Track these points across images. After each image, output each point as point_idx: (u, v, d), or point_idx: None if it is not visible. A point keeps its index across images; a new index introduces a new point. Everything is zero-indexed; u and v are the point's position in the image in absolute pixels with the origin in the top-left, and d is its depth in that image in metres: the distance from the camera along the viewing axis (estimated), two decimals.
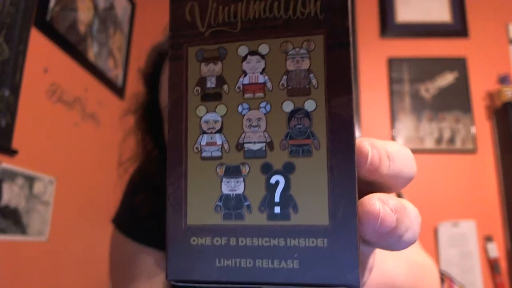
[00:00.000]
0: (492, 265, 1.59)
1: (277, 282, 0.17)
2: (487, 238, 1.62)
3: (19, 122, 1.11)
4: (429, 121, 1.76)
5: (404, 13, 1.88)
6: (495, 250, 1.60)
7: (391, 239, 0.18)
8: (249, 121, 0.18)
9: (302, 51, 0.18)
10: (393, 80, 1.81)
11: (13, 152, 1.09)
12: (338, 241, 0.17)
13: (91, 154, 1.48)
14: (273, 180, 0.18)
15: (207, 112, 0.19)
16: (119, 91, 1.69)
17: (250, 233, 0.18)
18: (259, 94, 0.19)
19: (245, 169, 0.18)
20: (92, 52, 1.52)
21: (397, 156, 0.19)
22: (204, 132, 0.19)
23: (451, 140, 1.73)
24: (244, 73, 0.19)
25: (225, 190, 0.18)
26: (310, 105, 0.18)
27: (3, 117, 1.05)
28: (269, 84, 0.19)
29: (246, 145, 0.18)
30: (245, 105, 0.19)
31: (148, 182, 0.62)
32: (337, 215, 0.17)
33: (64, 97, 1.34)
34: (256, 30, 0.19)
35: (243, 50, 0.19)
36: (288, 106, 0.18)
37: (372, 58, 1.85)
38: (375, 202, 0.18)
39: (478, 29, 1.83)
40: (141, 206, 0.59)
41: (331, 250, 0.17)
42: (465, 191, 1.68)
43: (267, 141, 0.18)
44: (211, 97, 0.19)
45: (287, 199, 0.18)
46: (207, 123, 0.19)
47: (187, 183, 0.19)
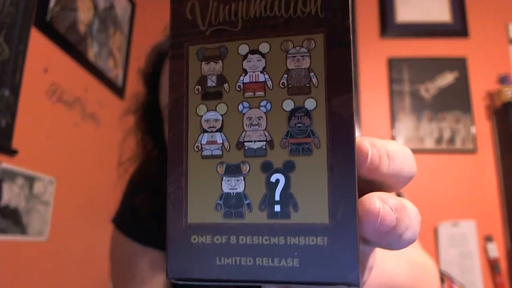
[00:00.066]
0: (492, 265, 1.59)
1: (277, 281, 0.17)
2: (487, 238, 1.62)
3: (19, 122, 1.11)
4: (429, 121, 1.76)
5: (404, 13, 1.88)
6: (495, 250, 1.60)
7: (391, 238, 0.18)
8: (250, 120, 0.18)
9: (303, 50, 0.18)
10: (393, 80, 1.81)
11: (13, 152, 1.09)
12: (338, 239, 0.17)
13: (91, 154, 1.48)
14: (273, 179, 0.18)
15: (208, 111, 0.19)
16: (119, 91, 1.70)
17: (251, 232, 0.18)
18: (260, 93, 0.19)
19: (246, 168, 0.18)
20: (92, 52, 1.52)
21: (397, 155, 0.19)
22: (205, 131, 0.19)
23: (451, 140, 1.73)
24: (245, 72, 0.19)
25: (226, 189, 0.18)
26: (311, 104, 0.18)
27: (3, 117, 1.05)
28: (270, 83, 0.19)
29: (247, 144, 0.18)
30: (246, 104, 0.19)
31: (148, 182, 0.62)
32: (337, 214, 0.17)
33: (64, 97, 1.34)
34: (257, 29, 0.19)
35: (244, 49, 0.19)
36: (289, 105, 0.18)
37: (372, 58, 1.85)
38: (375, 201, 0.18)
39: (478, 29, 1.83)
40: (141, 206, 0.59)
41: (331, 249, 0.17)
42: (465, 191, 1.68)
43: (268, 140, 0.18)
44: (212, 96, 0.19)
45: (287, 198, 0.18)
46: (208, 122, 0.19)
47: (188, 182, 0.19)
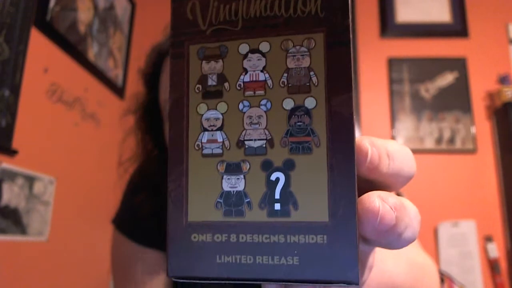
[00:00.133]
0: (492, 265, 1.59)
1: (277, 279, 0.17)
2: (487, 238, 1.62)
3: (19, 122, 1.11)
4: (429, 121, 1.76)
5: (404, 13, 1.88)
6: (495, 250, 1.60)
7: (391, 237, 0.18)
8: (250, 119, 0.19)
9: (303, 49, 0.18)
10: (393, 80, 1.81)
11: (13, 152, 1.09)
12: (338, 238, 0.17)
13: (91, 154, 1.48)
14: (274, 177, 0.18)
15: (208, 110, 0.19)
16: (119, 91, 1.70)
17: (251, 230, 0.18)
18: (260, 92, 0.19)
19: (246, 166, 0.18)
20: (92, 52, 1.52)
21: (397, 155, 0.20)
22: (205, 130, 0.19)
23: (451, 140, 1.73)
24: (245, 71, 0.19)
25: (226, 187, 0.18)
26: (310, 103, 0.18)
27: (3, 117, 1.06)
28: (270, 82, 0.19)
29: (247, 142, 0.18)
30: (246, 103, 0.19)
31: (148, 182, 0.62)
32: (337, 212, 0.17)
33: (64, 97, 1.34)
34: (257, 28, 0.19)
35: (244, 48, 0.19)
36: (289, 104, 0.18)
37: (372, 58, 1.85)
38: (375, 200, 0.18)
39: (478, 29, 1.83)
40: (141, 206, 0.59)
41: (331, 247, 0.17)
42: (465, 191, 1.68)
43: (268, 138, 0.18)
44: (212, 95, 0.19)
45: (287, 196, 0.18)
46: (208, 121, 0.19)
47: (188, 180, 0.19)
